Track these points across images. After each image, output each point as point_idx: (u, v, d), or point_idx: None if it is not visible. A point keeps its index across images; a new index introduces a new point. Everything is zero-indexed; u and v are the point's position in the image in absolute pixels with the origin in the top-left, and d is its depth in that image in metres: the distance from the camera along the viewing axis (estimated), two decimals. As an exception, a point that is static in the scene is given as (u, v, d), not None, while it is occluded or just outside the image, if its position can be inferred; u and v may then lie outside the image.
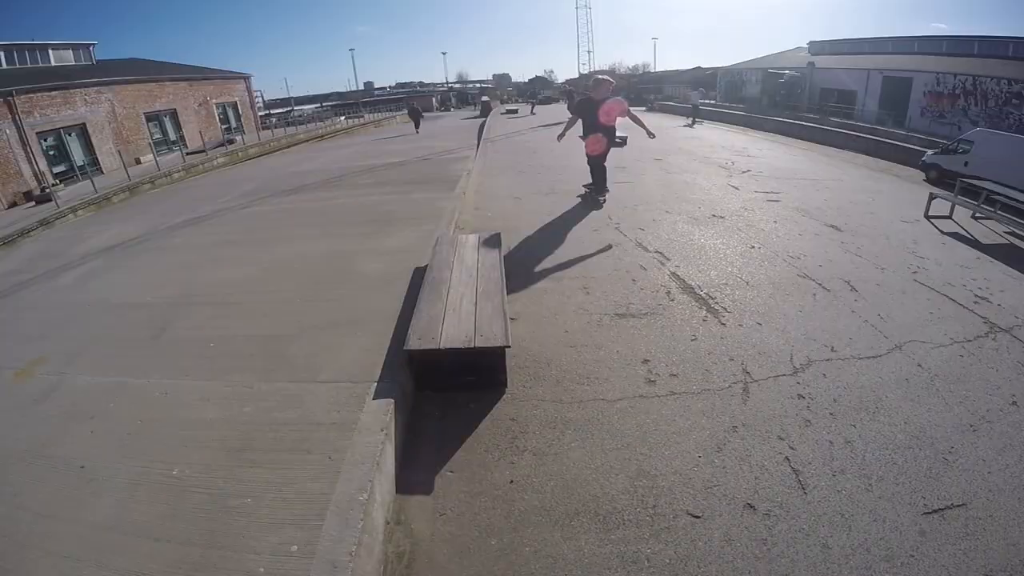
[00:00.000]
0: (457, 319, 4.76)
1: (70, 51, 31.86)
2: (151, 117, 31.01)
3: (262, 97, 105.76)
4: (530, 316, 5.90)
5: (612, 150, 10.01)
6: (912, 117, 34.14)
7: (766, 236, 8.19)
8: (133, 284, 7.79)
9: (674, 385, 4.60)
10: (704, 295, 6.18)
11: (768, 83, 45.26)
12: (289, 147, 32.08)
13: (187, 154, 28.42)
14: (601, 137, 9.50)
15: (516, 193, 11.62)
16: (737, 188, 11.49)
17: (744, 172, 13.42)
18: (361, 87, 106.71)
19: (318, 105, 77.73)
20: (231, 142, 30.85)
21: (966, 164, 20.77)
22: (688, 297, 6.14)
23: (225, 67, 39.56)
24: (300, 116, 55.32)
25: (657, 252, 7.54)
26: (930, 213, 9.79)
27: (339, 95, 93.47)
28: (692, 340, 5.28)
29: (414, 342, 4.48)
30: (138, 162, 28.00)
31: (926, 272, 6.95)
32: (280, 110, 75.47)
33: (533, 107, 47.99)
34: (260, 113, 74.88)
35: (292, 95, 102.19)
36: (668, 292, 6.27)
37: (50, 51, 30.41)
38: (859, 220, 9.19)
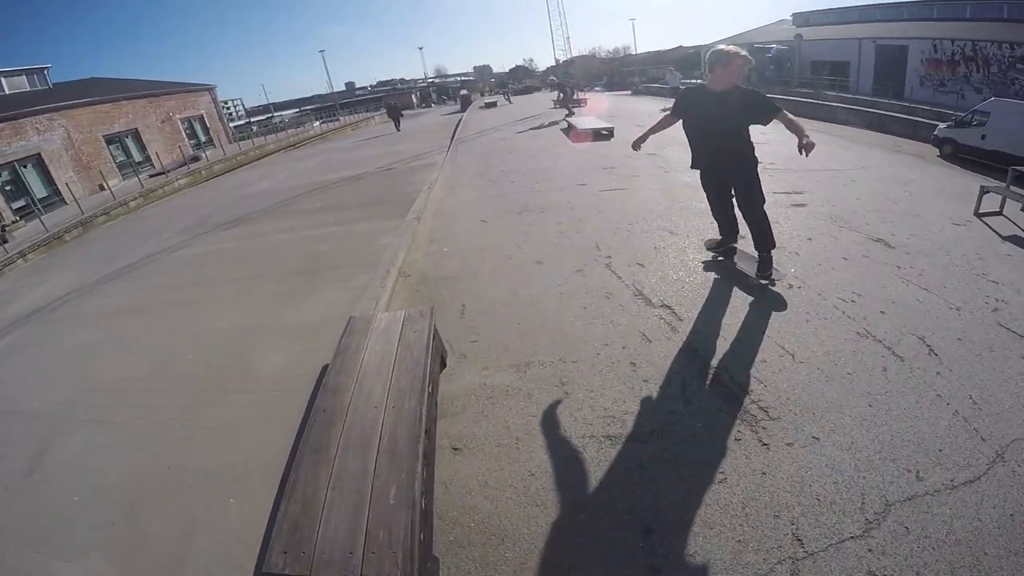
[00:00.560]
0: (344, 507, 2.81)
1: (23, 77, 29.73)
2: (111, 139, 28.89)
3: (243, 105, 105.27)
4: (481, 442, 3.86)
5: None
6: (912, 87, 32.10)
7: (804, 266, 6.09)
8: (31, 377, 6.52)
9: (691, 580, 2.67)
10: (735, 387, 4.08)
11: (755, 59, 42.78)
12: (258, 159, 30.03)
13: (151, 176, 26.44)
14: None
15: (483, 213, 9.56)
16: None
17: (754, 165, 11.33)
18: (338, 88, 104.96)
19: (297, 110, 76.03)
20: (196, 159, 28.76)
21: (983, 137, 19.11)
22: (712, 394, 4.04)
23: (203, 77, 37.74)
24: (281, 122, 53.93)
25: (664, 306, 5.42)
26: (981, 210, 7.81)
27: (320, 98, 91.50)
28: (720, 482, 3.27)
29: (276, 559, 2.62)
30: (102, 188, 26.02)
31: (1007, 308, 4.92)
32: (260, 117, 73.97)
33: (508, 97, 47.33)
34: (240, 122, 73.94)
35: (273, 101, 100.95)
36: (683, 385, 4.17)
37: (2, 79, 28.33)
38: (906, 228, 7.12)
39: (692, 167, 5.72)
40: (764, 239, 5.41)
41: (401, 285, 6.91)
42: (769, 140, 14.77)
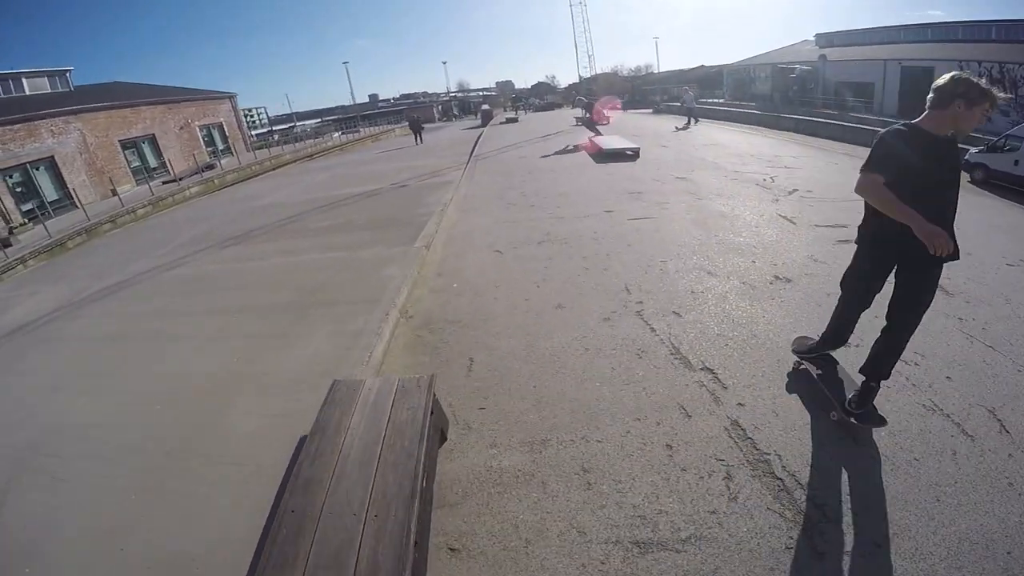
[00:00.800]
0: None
1: (45, 78, 29.59)
2: (127, 144, 28.58)
3: (267, 113, 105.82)
4: (484, 542, 3.19)
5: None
6: (939, 109, 31.18)
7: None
8: (-1, 410, 5.95)
9: None
10: (788, 478, 3.38)
11: (779, 79, 42.28)
12: (274, 170, 29.56)
13: (164, 183, 26.09)
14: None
15: (499, 241, 8.82)
16: (792, 221, 8.65)
17: (790, 193, 10.51)
18: (359, 100, 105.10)
19: (318, 120, 75.99)
20: (210, 167, 28.37)
21: (1016, 163, 18.19)
22: (762, 488, 3.33)
23: (229, 85, 37.43)
24: (303, 132, 53.90)
25: (706, 369, 4.68)
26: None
27: (343, 109, 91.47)
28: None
29: None
30: (114, 193, 25.74)
31: (1079, 371, 4.26)
32: (283, 126, 74.16)
33: (525, 110, 46.95)
34: (263, 130, 73.93)
35: (297, 110, 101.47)
36: (727, 476, 3.45)
37: (24, 80, 28.21)
38: (962, 270, 6.37)
39: (861, 240, 3.81)
40: (887, 362, 3.68)
41: (402, 329, 6.18)
42: (801, 164, 14.05)
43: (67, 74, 30.67)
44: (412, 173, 18.09)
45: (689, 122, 26.97)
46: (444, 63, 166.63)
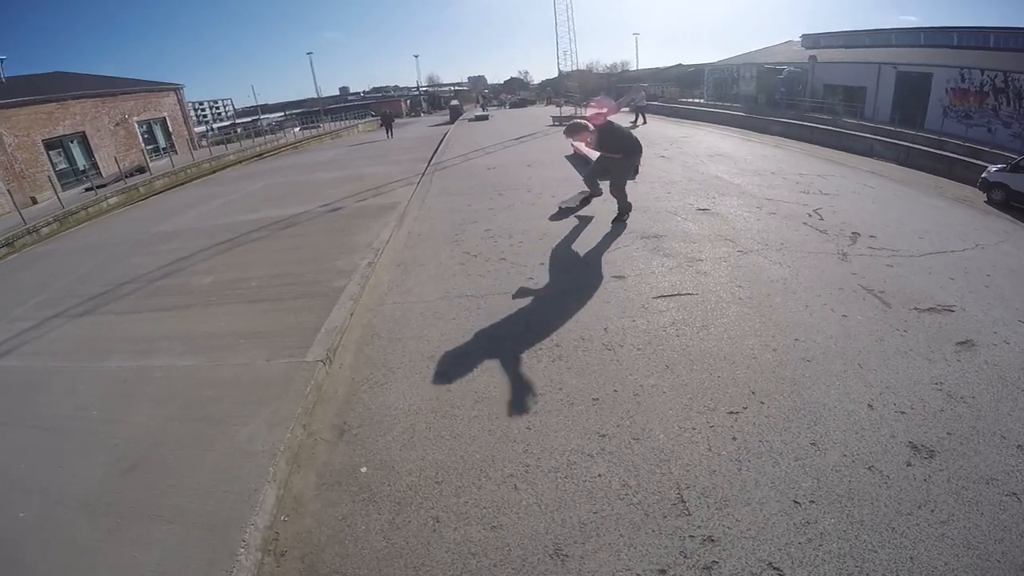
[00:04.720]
0: None
1: (-30, 69, 25.63)
2: (52, 144, 24.72)
3: (232, 105, 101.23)
4: None
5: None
6: (940, 119, 28.56)
7: None
8: None
9: None
10: None
11: (765, 80, 39.56)
12: (212, 173, 25.74)
13: (86, 189, 22.35)
14: None
15: (447, 342, 5.31)
16: (884, 300, 5.46)
17: (852, 240, 7.31)
18: (330, 92, 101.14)
19: (282, 114, 72.15)
20: (140, 171, 24.57)
21: None
22: None
23: (192, 76, 33.59)
24: (269, 126, 51.02)
25: None
26: None
27: (313, 101, 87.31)
28: None
29: None
30: (34, 201, 21.96)
31: None
32: (246, 119, 70.90)
33: (484, 107, 46.14)
34: (226, 123, 69.77)
35: (265, 102, 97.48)
36: None
37: (-66, 70, 24.21)
38: None
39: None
40: None
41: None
42: (835, 188, 10.77)
43: (-3, 63, 26.62)
44: (355, 187, 14.55)
45: (637, 119, 25.57)
46: (416, 57, 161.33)
